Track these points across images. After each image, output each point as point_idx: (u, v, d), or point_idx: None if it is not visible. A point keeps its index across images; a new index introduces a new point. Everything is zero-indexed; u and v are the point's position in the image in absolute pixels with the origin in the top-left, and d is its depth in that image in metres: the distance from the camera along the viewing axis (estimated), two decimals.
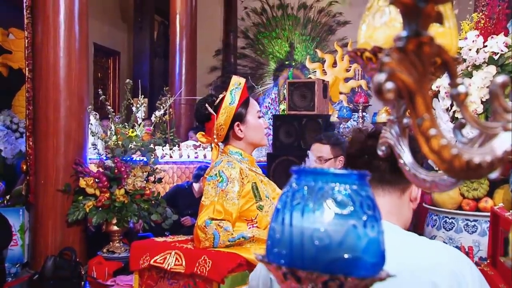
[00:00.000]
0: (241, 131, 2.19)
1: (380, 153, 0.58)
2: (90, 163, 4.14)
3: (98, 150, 4.14)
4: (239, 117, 2.19)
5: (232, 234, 2.03)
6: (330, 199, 0.46)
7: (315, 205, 0.45)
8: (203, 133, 2.28)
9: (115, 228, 3.87)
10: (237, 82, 2.21)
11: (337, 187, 0.46)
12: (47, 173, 3.77)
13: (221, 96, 2.21)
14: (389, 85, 0.38)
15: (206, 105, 2.18)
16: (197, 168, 4.92)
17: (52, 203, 3.76)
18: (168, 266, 2.03)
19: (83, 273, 3.64)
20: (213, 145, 2.26)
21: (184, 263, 2.00)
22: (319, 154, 2.75)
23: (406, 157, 0.56)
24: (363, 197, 0.47)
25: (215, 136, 2.18)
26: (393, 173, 1.13)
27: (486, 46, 2.90)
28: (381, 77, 0.38)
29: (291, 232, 0.45)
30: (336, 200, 0.46)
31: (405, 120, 0.57)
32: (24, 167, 3.98)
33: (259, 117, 2.25)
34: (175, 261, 2.02)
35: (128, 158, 3.97)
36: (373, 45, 0.55)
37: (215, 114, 2.16)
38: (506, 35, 3.03)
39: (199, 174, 4.79)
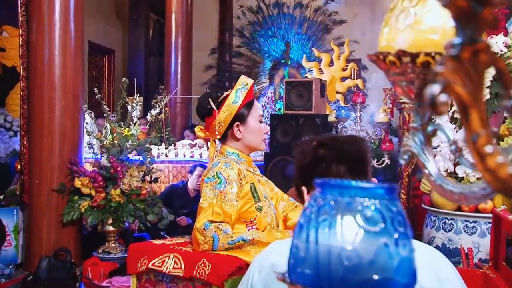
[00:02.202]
0: (240, 132, 2.17)
1: (402, 162, 0.55)
2: (86, 163, 4.09)
3: (93, 149, 4.09)
4: (240, 117, 2.16)
5: (232, 236, 2.00)
6: (359, 215, 0.42)
7: (342, 221, 0.42)
8: (202, 127, 2.25)
9: (111, 228, 3.83)
10: (244, 82, 2.19)
11: (366, 201, 0.43)
12: (41, 172, 3.72)
13: (226, 93, 2.18)
14: (444, 97, 0.35)
15: (209, 99, 2.15)
16: (193, 166, 4.89)
17: (47, 203, 3.71)
18: (166, 270, 2.00)
19: (78, 274, 3.60)
20: (210, 141, 2.24)
21: (183, 267, 1.97)
22: None
23: (431, 166, 0.53)
24: (394, 213, 0.43)
25: (216, 132, 2.16)
26: (352, 175, 1.15)
27: None
28: (435, 88, 0.35)
29: (316, 251, 0.42)
30: (366, 216, 0.43)
31: (429, 128, 0.54)
32: (18, 167, 3.93)
33: (261, 122, 2.23)
34: (174, 264, 1.98)
35: (124, 158, 3.93)
36: (397, 48, 0.52)
37: (216, 109, 2.13)
38: (506, 35, 3.01)
39: (192, 170, 4.77)
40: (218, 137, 2.18)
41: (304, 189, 1.20)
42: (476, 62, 0.35)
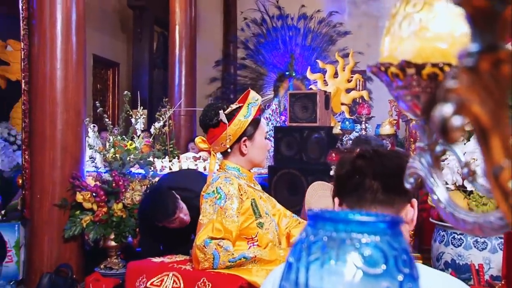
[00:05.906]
0: (246, 147, 2.14)
1: (408, 186, 0.49)
2: (88, 177, 4.04)
3: (95, 163, 4.05)
4: (248, 133, 2.14)
5: (233, 254, 1.94)
6: (356, 254, 0.36)
7: (337, 261, 0.36)
8: (203, 138, 2.21)
9: (113, 243, 3.77)
10: (255, 97, 2.18)
11: (365, 238, 0.37)
12: (43, 187, 3.68)
13: (234, 106, 2.14)
14: (457, 120, 0.29)
15: (221, 111, 2.11)
16: None
17: (48, 218, 3.67)
18: None
19: None
20: (211, 153, 2.19)
21: (182, 286, 1.91)
22: None
23: (440, 192, 0.47)
24: (398, 251, 0.37)
25: (223, 145, 2.11)
26: (386, 193, 1.07)
27: None
28: (446, 109, 0.29)
29: None
30: (364, 255, 0.36)
31: (438, 148, 0.48)
32: (20, 181, 3.89)
33: (265, 138, 2.22)
34: (173, 283, 1.92)
35: (127, 171, 3.88)
36: (400, 58, 0.46)
37: (227, 122, 2.09)
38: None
39: None
40: (224, 149, 2.15)
41: (336, 200, 1.14)
42: (497, 75, 0.28)
